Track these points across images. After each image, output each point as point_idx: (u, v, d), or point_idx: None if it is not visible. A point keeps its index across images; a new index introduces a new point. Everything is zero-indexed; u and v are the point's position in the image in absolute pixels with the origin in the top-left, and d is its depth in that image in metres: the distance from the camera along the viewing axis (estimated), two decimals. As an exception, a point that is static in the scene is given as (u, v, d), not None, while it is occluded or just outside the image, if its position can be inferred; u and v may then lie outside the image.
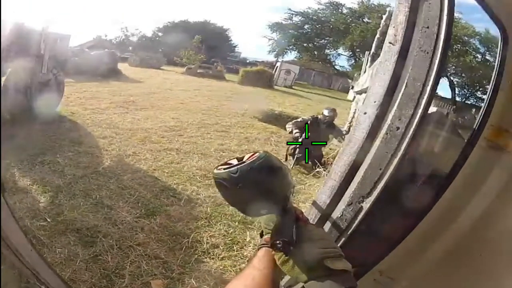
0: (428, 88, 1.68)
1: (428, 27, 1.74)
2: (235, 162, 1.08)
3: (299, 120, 8.27)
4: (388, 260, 2.05)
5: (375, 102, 1.87)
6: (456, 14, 1.90)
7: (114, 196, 4.87)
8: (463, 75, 35.97)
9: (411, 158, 1.90)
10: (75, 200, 4.61)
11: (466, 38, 33.91)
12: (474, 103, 35.93)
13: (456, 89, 35.22)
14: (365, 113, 1.91)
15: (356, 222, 1.79)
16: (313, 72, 45.43)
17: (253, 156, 1.08)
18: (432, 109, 1.90)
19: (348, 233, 1.81)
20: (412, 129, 1.69)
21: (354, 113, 7.93)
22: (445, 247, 2.02)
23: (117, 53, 23.05)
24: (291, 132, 8.05)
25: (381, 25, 12.67)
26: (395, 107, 1.77)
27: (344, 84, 41.11)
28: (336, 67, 48.20)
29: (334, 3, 45.68)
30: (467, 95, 37.00)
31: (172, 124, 9.66)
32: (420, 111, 1.69)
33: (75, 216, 4.20)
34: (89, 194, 4.81)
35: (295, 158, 7.53)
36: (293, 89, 30.19)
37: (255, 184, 1.06)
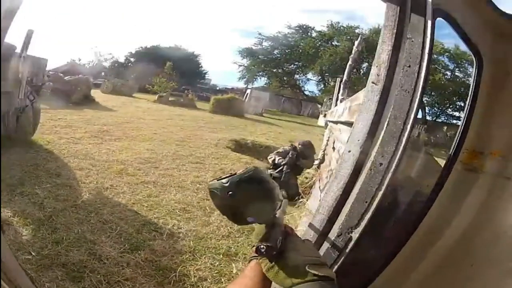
0: (409, 126, 1.79)
1: (409, 66, 1.85)
2: (228, 175, 1.23)
3: (280, 150, 8.58)
4: (377, 281, 2.17)
5: (358, 141, 2.01)
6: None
7: (96, 231, 4.86)
8: (432, 93, 36.67)
9: (393, 187, 2.00)
10: (57, 234, 4.59)
11: (435, 56, 34.47)
12: (445, 120, 36.62)
13: (426, 108, 35.76)
14: (349, 151, 2.06)
15: (347, 250, 1.87)
16: (283, 98, 46.06)
17: (244, 170, 1.23)
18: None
19: (340, 260, 1.89)
20: (394, 164, 1.80)
21: (328, 140, 8.13)
22: (433, 263, 2.15)
23: (90, 79, 23.06)
24: (273, 161, 8.29)
25: (353, 52, 12.76)
26: (377, 145, 1.87)
27: (314, 110, 41.87)
28: (305, 92, 48.99)
29: (304, 26, 46.76)
30: (438, 113, 37.68)
31: (147, 155, 9.68)
32: (401, 147, 1.79)
33: (59, 250, 4.20)
34: (70, 228, 4.79)
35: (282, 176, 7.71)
36: (263, 116, 30.82)
37: (243, 194, 1.20)
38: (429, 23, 1.83)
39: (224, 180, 1.21)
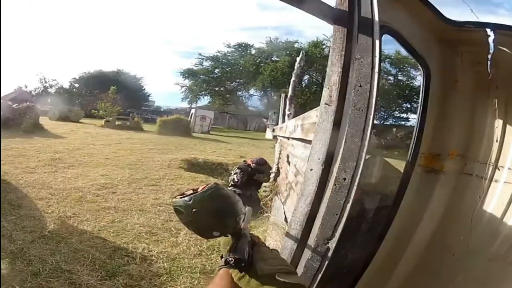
0: (366, 142, 1.85)
1: (360, 86, 1.90)
2: (190, 192, 1.28)
3: (236, 170, 8.92)
4: (358, 286, 2.36)
5: (319, 159, 2.08)
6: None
7: (70, 260, 4.92)
8: (378, 99, 37.28)
9: (360, 198, 2.20)
10: (33, 266, 4.65)
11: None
12: (393, 122, 37.51)
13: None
14: (311, 170, 2.12)
15: (327, 260, 1.92)
16: (228, 115, 46.19)
17: (206, 187, 1.28)
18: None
19: (323, 269, 1.94)
20: (357, 178, 1.86)
21: (280, 153, 8.43)
22: (411, 261, 2.38)
23: (38, 106, 22.63)
24: (233, 180, 8.65)
25: (295, 68, 12.71)
26: (338, 161, 1.92)
27: (260, 124, 42.26)
28: (249, 107, 49.18)
29: (243, 44, 47.02)
30: (385, 116, 38.48)
31: (102, 181, 9.73)
32: (362, 162, 1.85)
33: (40, 282, 4.28)
34: (44, 260, 4.84)
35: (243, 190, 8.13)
36: (210, 134, 31.27)
37: (206, 210, 1.25)
38: (377, 42, 1.91)
39: (187, 198, 1.25)
